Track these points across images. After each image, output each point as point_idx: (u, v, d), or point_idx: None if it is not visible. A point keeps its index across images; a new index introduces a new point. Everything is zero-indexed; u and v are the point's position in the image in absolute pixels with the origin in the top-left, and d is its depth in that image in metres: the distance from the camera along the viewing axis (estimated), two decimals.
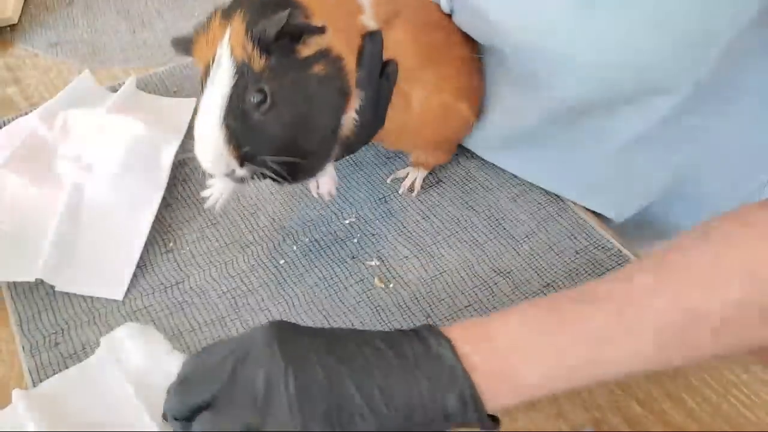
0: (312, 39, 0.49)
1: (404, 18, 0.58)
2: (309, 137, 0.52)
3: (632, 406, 0.53)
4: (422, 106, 0.61)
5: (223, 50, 0.49)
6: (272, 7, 0.49)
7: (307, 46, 0.49)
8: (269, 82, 0.49)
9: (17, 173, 0.68)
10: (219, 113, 0.49)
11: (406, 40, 0.58)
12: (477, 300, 0.60)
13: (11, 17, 0.96)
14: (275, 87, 0.49)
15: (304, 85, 0.50)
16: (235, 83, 0.49)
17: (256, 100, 0.49)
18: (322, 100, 0.51)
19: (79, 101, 0.77)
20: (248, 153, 0.50)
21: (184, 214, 0.68)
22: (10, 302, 0.61)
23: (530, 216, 0.68)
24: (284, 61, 0.49)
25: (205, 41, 0.51)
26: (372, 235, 0.66)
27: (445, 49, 0.62)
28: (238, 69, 0.49)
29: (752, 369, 0.55)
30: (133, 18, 1.00)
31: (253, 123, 0.49)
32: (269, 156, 0.50)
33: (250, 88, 0.49)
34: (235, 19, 0.49)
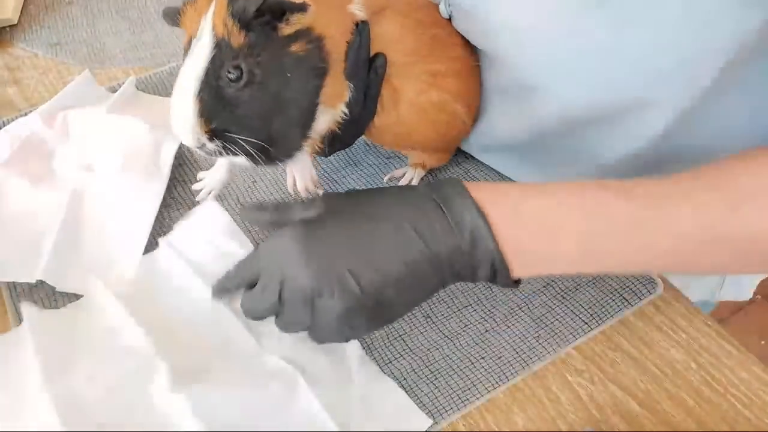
0: (294, 17, 0.49)
1: (394, 10, 0.58)
2: (282, 118, 0.52)
3: (632, 406, 0.53)
4: (414, 103, 0.61)
5: (205, 24, 0.49)
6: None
7: (288, 25, 0.49)
8: (246, 59, 0.49)
9: (17, 173, 0.68)
10: (194, 86, 0.49)
11: (395, 33, 0.58)
12: (476, 300, 0.60)
13: (11, 17, 0.96)
14: (252, 64, 0.49)
15: (281, 64, 0.50)
16: (213, 58, 0.49)
17: (232, 77, 0.49)
18: (298, 79, 0.51)
19: (79, 101, 0.77)
20: (218, 128, 0.50)
21: (183, 214, 0.68)
22: (9, 302, 0.60)
23: None
24: (263, 38, 0.49)
25: (193, 14, 0.51)
26: None
27: (440, 48, 0.61)
28: (216, 44, 0.49)
29: (752, 369, 0.55)
30: (133, 18, 1.00)
31: (227, 99, 0.50)
32: (240, 134, 0.50)
33: (227, 64, 0.49)
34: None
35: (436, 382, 0.55)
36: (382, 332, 0.58)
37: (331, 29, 0.52)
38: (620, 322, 0.59)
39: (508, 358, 0.56)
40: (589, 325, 0.58)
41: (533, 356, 0.56)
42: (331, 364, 0.55)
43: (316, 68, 0.52)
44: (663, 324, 0.59)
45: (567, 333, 0.58)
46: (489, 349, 0.57)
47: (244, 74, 0.49)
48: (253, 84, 0.50)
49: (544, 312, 0.59)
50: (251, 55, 0.49)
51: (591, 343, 0.58)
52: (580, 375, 0.55)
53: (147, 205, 0.66)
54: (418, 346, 0.57)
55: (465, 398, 0.54)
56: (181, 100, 0.50)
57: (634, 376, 0.55)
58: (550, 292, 0.61)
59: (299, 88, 0.52)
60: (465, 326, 0.58)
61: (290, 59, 0.50)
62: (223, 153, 0.51)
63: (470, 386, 0.54)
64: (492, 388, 0.54)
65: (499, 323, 0.59)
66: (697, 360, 0.56)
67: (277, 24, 0.49)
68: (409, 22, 0.59)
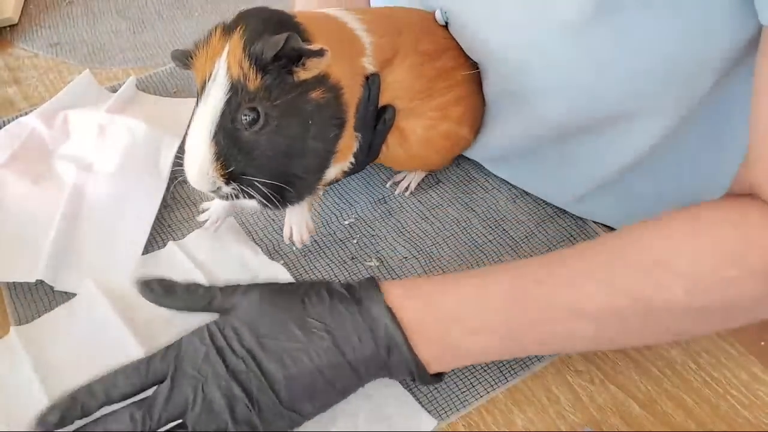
0: (310, 62, 0.49)
1: (403, 55, 0.57)
2: (299, 162, 0.51)
3: (632, 406, 0.53)
4: (422, 138, 0.62)
5: (219, 66, 0.49)
6: (273, 27, 0.49)
7: (305, 70, 0.49)
8: (263, 102, 0.48)
9: (17, 173, 0.68)
10: (209, 129, 0.49)
11: (404, 81, 0.58)
12: None
13: (11, 17, 0.96)
14: (269, 108, 0.49)
15: (300, 110, 0.50)
16: (229, 100, 0.48)
17: (248, 119, 0.48)
18: (317, 127, 0.51)
19: (79, 101, 0.77)
20: (235, 172, 0.49)
21: (184, 214, 0.68)
22: (9, 302, 0.60)
23: (529, 217, 0.68)
24: (280, 82, 0.49)
25: (205, 56, 0.51)
26: (371, 236, 0.66)
27: (447, 76, 0.61)
28: (232, 86, 0.48)
29: (752, 369, 0.55)
30: (133, 18, 1.00)
31: (243, 142, 0.49)
32: (256, 177, 0.50)
33: (243, 106, 0.48)
34: (234, 35, 0.49)
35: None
36: None
37: (346, 80, 0.52)
38: None
39: (508, 359, 0.56)
40: None
41: (533, 357, 0.56)
42: None
43: (335, 118, 0.52)
44: None
45: None
46: None
47: (261, 117, 0.48)
48: (269, 127, 0.49)
49: None
50: (268, 98, 0.48)
51: None
52: (580, 376, 0.55)
53: (147, 205, 0.66)
54: None
55: (465, 399, 0.54)
56: (197, 144, 0.49)
57: (634, 377, 0.55)
58: None
59: (319, 136, 0.51)
60: None
61: (310, 106, 0.50)
62: (239, 196, 0.51)
63: (470, 387, 0.54)
64: (492, 389, 0.54)
65: None
66: (697, 360, 0.56)
67: (293, 68, 0.49)
68: (417, 61, 0.58)
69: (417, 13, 0.62)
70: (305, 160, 0.52)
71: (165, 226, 0.67)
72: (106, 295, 0.59)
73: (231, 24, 0.50)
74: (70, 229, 0.64)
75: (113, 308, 0.58)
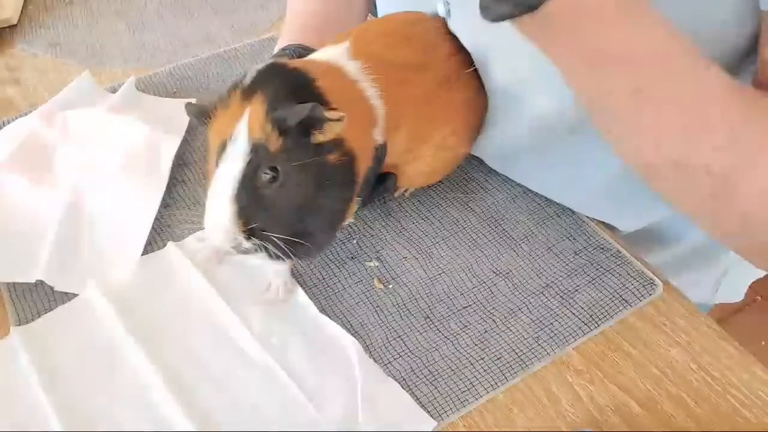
0: (328, 126, 0.50)
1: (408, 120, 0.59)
2: (315, 219, 0.53)
3: (632, 406, 0.53)
4: (423, 172, 0.65)
5: (241, 129, 0.50)
6: (294, 93, 0.51)
7: (322, 133, 0.50)
8: (282, 162, 0.50)
9: (17, 173, 0.68)
10: (231, 189, 0.50)
11: (405, 140, 0.59)
12: (476, 301, 0.60)
13: (11, 17, 0.96)
14: (288, 167, 0.50)
15: (318, 170, 0.51)
16: (250, 161, 0.50)
17: (267, 178, 0.50)
18: (334, 187, 0.53)
19: (79, 102, 0.77)
20: (256, 228, 0.51)
21: (184, 214, 0.68)
22: (9, 303, 0.60)
23: (529, 217, 0.68)
24: (299, 144, 0.50)
25: (224, 117, 0.52)
26: (371, 236, 0.66)
27: (444, 111, 0.61)
28: (254, 148, 0.50)
29: (752, 369, 0.55)
30: (133, 19, 1.00)
31: (263, 199, 0.51)
32: (275, 232, 0.51)
33: (263, 166, 0.50)
34: (255, 101, 0.50)
35: (436, 383, 0.55)
36: (381, 333, 0.58)
37: (359, 148, 0.54)
38: (620, 322, 0.59)
39: (508, 359, 0.56)
40: (589, 326, 0.58)
41: (533, 357, 0.56)
42: (330, 363, 0.55)
43: (349, 181, 0.54)
44: (663, 325, 0.59)
45: (567, 334, 0.58)
46: (488, 350, 0.57)
47: (280, 176, 0.50)
48: (288, 185, 0.51)
49: (543, 313, 0.59)
50: (287, 159, 0.50)
51: (591, 343, 0.58)
52: (580, 375, 0.55)
53: (147, 205, 0.66)
54: (418, 347, 0.57)
55: (465, 399, 0.54)
56: (219, 203, 0.51)
57: (634, 377, 0.55)
58: (550, 293, 0.61)
59: (334, 196, 0.53)
60: (464, 327, 0.58)
61: (327, 168, 0.52)
62: (258, 251, 0.52)
63: (470, 387, 0.54)
64: (492, 389, 0.54)
65: (499, 324, 0.59)
66: (697, 360, 0.56)
67: (311, 131, 0.50)
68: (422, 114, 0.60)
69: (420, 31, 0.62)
70: (321, 217, 0.54)
71: (165, 226, 0.67)
72: (105, 295, 0.59)
73: (250, 87, 0.51)
74: (70, 229, 0.64)
75: (113, 308, 0.58)
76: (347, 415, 0.52)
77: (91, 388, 0.54)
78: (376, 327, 0.58)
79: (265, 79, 0.52)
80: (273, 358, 0.55)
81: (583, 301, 0.60)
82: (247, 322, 0.57)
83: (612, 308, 0.59)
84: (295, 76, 0.52)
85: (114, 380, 0.54)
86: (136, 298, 0.60)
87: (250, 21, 0.99)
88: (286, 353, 0.56)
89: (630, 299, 0.60)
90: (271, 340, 0.56)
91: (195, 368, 0.55)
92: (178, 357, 0.55)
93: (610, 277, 0.62)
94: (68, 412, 0.52)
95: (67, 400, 0.53)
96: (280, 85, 0.51)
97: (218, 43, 0.94)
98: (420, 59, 0.60)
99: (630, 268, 0.62)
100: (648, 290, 0.61)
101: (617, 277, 0.62)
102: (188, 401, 0.52)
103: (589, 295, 0.61)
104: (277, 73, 0.52)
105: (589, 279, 0.62)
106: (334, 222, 0.56)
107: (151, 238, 0.65)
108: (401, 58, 0.59)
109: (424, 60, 0.60)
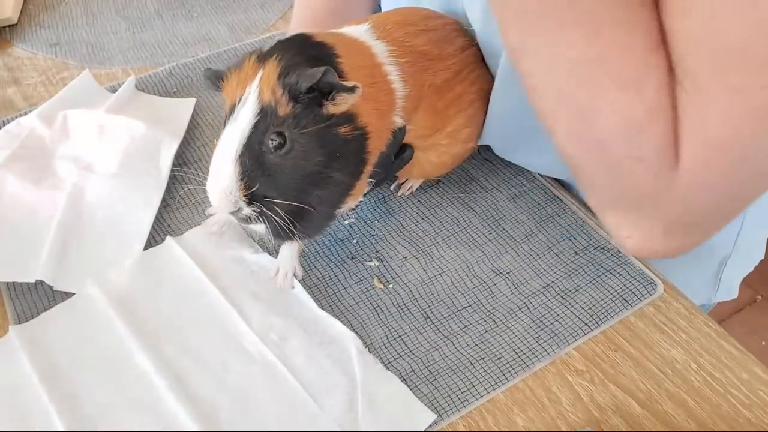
0: (341, 97, 0.49)
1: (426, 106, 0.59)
2: (320, 192, 0.52)
3: (632, 406, 0.53)
4: (435, 164, 0.64)
5: (251, 90, 0.49)
6: (309, 58, 0.50)
7: (334, 104, 0.50)
8: (291, 129, 0.49)
9: (17, 173, 0.68)
10: (236, 149, 0.49)
11: (425, 124, 0.59)
12: (476, 300, 0.60)
13: (11, 17, 0.96)
14: (296, 135, 0.49)
15: (327, 141, 0.50)
16: (257, 123, 0.49)
17: (274, 143, 0.49)
18: (342, 160, 0.52)
19: (79, 101, 0.77)
20: (257, 193, 0.50)
21: (183, 214, 0.68)
22: (9, 302, 0.60)
23: (529, 216, 0.68)
24: (309, 112, 0.49)
25: (236, 80, 0.51)
26: (371, 236, 0.66)
27: (458, 102, 0.62)
28: (262, 110, 0.49)
29: (753, 369, 0.55)
30: (133, 18, 1.00)
31: (268, 164, 0.50)
32: (277, 200, 0.50)
33: (271, 130, 0.49)
34: (269, 62, 0.50)
35: (436, 383, 0.55)
36: (381, 333, 0.58)
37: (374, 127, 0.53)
38: (620, 322, 0.59)
39: (508, 359, 0.56)
40: (589, 326, 0.58)
41: (533, 357, 0.56)
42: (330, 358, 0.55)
43: (358, 157, 0.53)
44: (663, 324, 0.59)
45: (567, 334, 0.58)
46: (489, 350, 0.57)
47: (287, 142, 0.49)
48: (294, 153, 0.50)
49: (543, 313, 0.59)
50: (296, 126, 0.49)
51: (591, 343, 0.58)
52: (581, 375, 0.55)
53: (147, 205, 0.66)
54: (418, 347, 0.57)
55: (465, 399, 0.54)
56: (222, 163, 0.50)
57: (634, 377, 0.55)
58: (550, 293, 0.61)
59: (341, 169, 0.52)
60: (465, 327, 0.58)
61: (337, 140, 0.51)
62: (258, 219, 0.51)
63: (470, 387, 0.54)
64: (492, 389, 0.54)
65: (499, 324, 0.59)
66: (698, 360, 0.56)
67: (323, 100, 0.49)
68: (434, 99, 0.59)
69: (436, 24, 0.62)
70: (325, 190, 0.53)
71: (165, 226, 0.67)
72: (104, 292, 0.59)
73: (268, 51, 0.51)
74: (69, 229, 0.64)
75: (112, 308, 0.58)
76: (347, 409, 0.52)
77: (91, 385, 0.54)
78: (376, 327, 0.58)
79: (284, 46, 0.51)
80: (272, 353, 0.55)
81: (583, 301, 0.60)
82: (247, 318, 0.57)
83: (612, 308, 0.59)
84: (318, 48, 0.51)
85: (114, 377, 0.54)
86: (135, 294, 0.60)
87: (250, 21, 0.99)
88: (286, 348, 0.56)
89: (630, 299, 0.60)
90: (271, 335, 0.56)
91: (194, 364, 0.55)
92: (178, 352, 0.56)
93: (610, 277, 0.62)
94: (69, 409, 0.52)
95: (68, 397, 0.53)
96: (298, 53, 0.50)
97: (218, 42, 0.94)
98: (437, 50, 0.60)
99: (630, 268, 0.62)
100: (648, 290, 0.60)
101: (618, 277, 0.62)
102: (188, 396, 0.52)
103: (590, 295, 0.61)
104: (300, 42, 0.52)
105: (590, 279, 0.62)
106: (339, 197, 0.55)
107: (151, 238, 0.65)
108: (420, 47, 0.59)
109: (441, 51, 0.60)
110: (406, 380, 0.55)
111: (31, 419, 0.52)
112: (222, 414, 0.52)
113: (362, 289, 0.61)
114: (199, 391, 0.53)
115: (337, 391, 0.53)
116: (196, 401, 0.52)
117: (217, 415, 0.52)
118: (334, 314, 0.59)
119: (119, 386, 0.54)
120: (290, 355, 0.55)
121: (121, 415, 0.52)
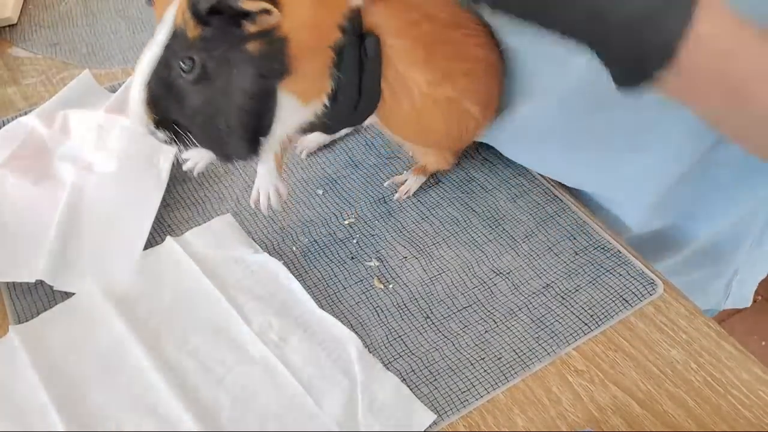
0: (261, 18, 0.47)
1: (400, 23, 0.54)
2: (226, 118, 0.50)
3: (632, 406, 0.53)
4: (427, 94, 0.58)
5: (169, 12, 0.48)
6: None
7: (254, 23, 0.47)
8: (199, 52, 0.48)
9: (17, 173, 0.68)
10: (145, 74, 0.48)
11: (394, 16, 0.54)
12: (476, 300, 0.60)
13: (11, 17, 0.95)
14: (206, 59, 0.48)
15: (233, 62, 0.48)
16: (167, 47, 0.48)
17: (184, 68, 0.48)
18: (243, 79, 0.49)
19: (79, 101, 0.77)
20: (165, 119, 0.49)
21: (183, 214, 0.68)
22: (9, 302, 0.60)
23: (530, 216, 0.68)
24: (220, 34, 0.47)
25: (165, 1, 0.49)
26: (371, 236, 0.66)
27: (456, 45, 0.58)
28: (174, 33, 0.48)
29: (753, 369, 0.55)
30: (133, 18, 1.00)
31: (176, 90, 0.49)
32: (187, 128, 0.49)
33: (180, 54, 0.48)
34: None
35: (436, 383, 0.55)
36: (381, 333, 0.58)
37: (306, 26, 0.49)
38: (621, 322, 0.59)
39: (508, 359, 0.56)
40: (589, 326, 0.58)
41: (533, 357, 0.56)
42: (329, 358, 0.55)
43: (270, 69, 0.49)
44: (663, 325, 0.59)
45: (567, 334, 0.58)
46: (489, 350, 0.57)
47: (196, 67, 0.48)
48: (204, 78, 0.48)
49: (543, 313, 0.59)
50: (206, 49, 0.47)
51: (591, 343, 0.58)
52: (581, 376, 0.55)
53: (146, 205, 0.66)
54: (418, 347, 0.57)
55: (465, 399, 0.54)
56: (134, 86, 0.49)
57: (634, 377, 0.55)
58: (550, 293, 0.61)
59: (244, 89, 0.49)
60: (465, 327, 0.58)
61: (244, 58, 0.48)
62: (176, 143, 0.50)
63: (470, 387, 0.54)
64: (492, 389, 0.54)
65: (499, 324, 0.59)
66: (698, 360, 0.56)
67: (240, 21, 0.47)
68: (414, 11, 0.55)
69: None
70: (229, 115, 0.50)
71: (165, 226, 0.67)
72: (105, 294, 0.59)
73: None
74: (69, 229, 0.64)
75: (112, 307, 0.58)
76: (347, 409, 0.52)
77: (92, 386, 0.54)
78: (376, 327, 0.58)
79: None
80: (272, 353, 0.55)
81: (583, 301, 0.60)
82: (247, 318, 0.57)
83: (612, 308, 0.59)
84: None
85: (114, 377, 0.54)
86: (135, 294, 0.60)
87: None
88: (286, 348, 0.56)
89: (630, 299, 0.60)
90: (270, 335, 0.57)
91: (194, 363, 0.55)
92: (177, 352, 0.56)
93: (610, 277, 0.62)
94: (69, 409, 0.52)
95: (68, 397, 0.53)
96: None
97: None
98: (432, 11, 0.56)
99: (630, 268, 0.62)
100: (648, 290, 0.60)
101: (618, 277, 0.62)
102: (188, 396, 0.53)
103: (590, 295, 0.61)
104: None
105: (590, 279, 0.62)
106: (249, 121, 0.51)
107: (151, 238, 0.65)
108: None
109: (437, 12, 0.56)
110: (406, 380, 0.55)
111: (31, 419, 0.52)
112: (222, 414, 0.52)
113: (362, 289, 0.61)
114: (199, 390, 0.53)
115: (336, 391, 0.53)
116: (196, 401, 0.52)
117: (217, 415, 0.52)
118: (334, 314, 0.59)
119: (119, 386, 0.54)
120: (290, 355, 0.55)
121: (121, 415, 0.52)
